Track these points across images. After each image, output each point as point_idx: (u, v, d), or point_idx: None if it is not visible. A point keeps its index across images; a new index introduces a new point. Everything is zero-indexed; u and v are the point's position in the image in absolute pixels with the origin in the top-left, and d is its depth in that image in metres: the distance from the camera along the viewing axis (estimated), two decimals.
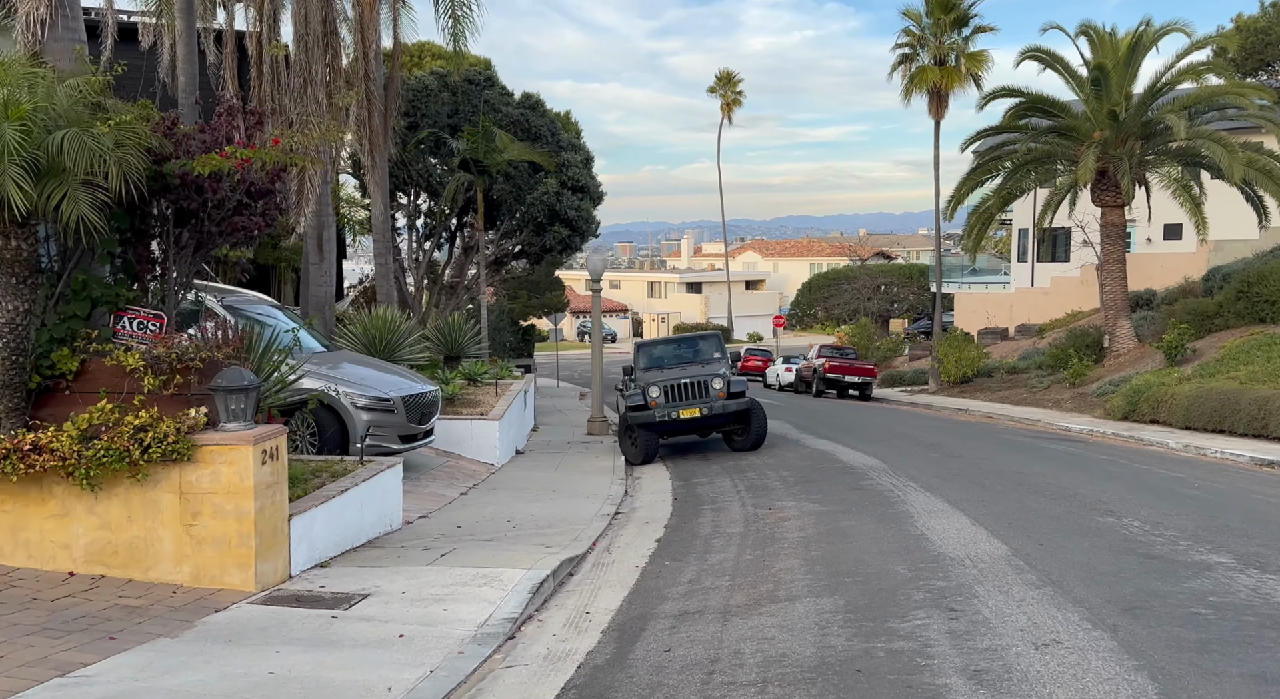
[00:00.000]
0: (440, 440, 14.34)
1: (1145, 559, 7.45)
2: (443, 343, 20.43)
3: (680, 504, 11.48)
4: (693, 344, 18.48)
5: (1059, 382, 27.80)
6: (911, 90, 31.83)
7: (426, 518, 10.04)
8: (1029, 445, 16.47)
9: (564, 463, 15.57)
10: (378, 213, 20.47)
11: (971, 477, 12.18)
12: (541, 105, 28.80)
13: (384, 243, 20.75)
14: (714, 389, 16.09)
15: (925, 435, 18.16)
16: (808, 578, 7.37)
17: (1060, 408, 25.18)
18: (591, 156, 29.75)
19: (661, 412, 15.91)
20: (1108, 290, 28.05)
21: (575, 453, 17.11)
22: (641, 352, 18.24)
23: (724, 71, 77.98)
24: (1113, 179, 26.77)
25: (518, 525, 9.82)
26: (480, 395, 16.50)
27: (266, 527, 6.90)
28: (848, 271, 68.17)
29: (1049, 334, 36.51)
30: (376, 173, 20.13)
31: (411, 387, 12.11)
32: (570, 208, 28.14)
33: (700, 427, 16.49)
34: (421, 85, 27.27)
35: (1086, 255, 39.12)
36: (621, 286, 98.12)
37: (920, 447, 15.94)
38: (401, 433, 11.78)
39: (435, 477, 12.42)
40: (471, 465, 13.88)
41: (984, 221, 29.35)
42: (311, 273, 16.26)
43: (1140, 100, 26.70)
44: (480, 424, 14.49)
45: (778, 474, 13.37)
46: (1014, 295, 42.06)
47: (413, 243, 29.61)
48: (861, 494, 11.13)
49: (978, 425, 21.68)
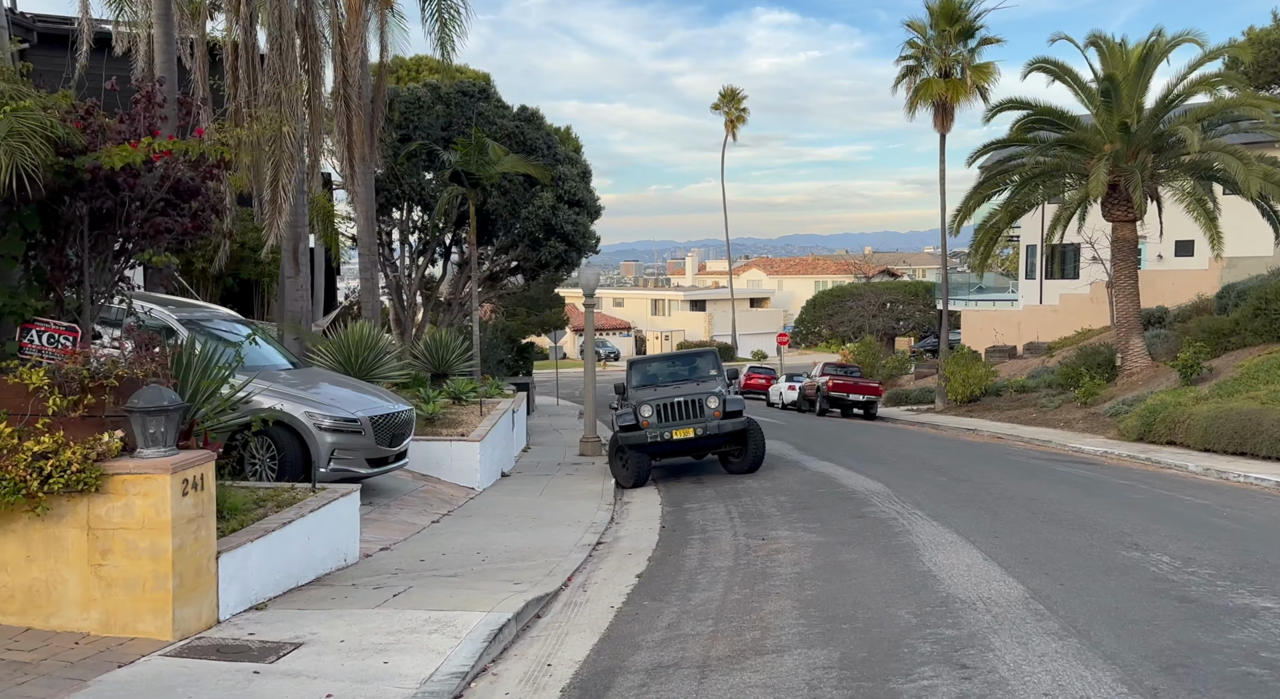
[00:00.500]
0: (418, 463, 13.56)
1: (1181, 603, 6.62)
2: (430, 360, 19.68)
3: (668, 533, 10.67)
4: (688, 361, 17.70)
5: (1070, 401, 26.97)
6: (916, 103, 31.13)
7: (389, 550, 9.24)
8: (1041, 468, 15.63)
9: (550, 486, 14.76)
10: (361, 224, 19.76)
11: (982, 504, 11.35)
12: (538, 118, 28.14)
13: (369, 256, 20.03)
14: (709, 408, 15.30)
15: (932, 457, 17.34)
16: (800, 624, 6.55)
17: (1072, 428, 24.33)
18: (589, 170, 29.05)
19: (654, 432, 15.12)
20: (1120, 307, 27.23)
21: (564, 475, 16.31)
22: (635, 369, 17.46)
23: (728, 88, 77.35)
24: (1124, 193, 26.01)
25: (488, 558, 9.02)
26: (464, 415, 15.72)
27: (187, 566, 6.10)
28: (853, 289, 67.38)
29: (1058, 352, 35.70)
30: (359, 182, 19.44)
31: (382, 406, 11.33)
32: (567, 222, 27.41)
33: (695, 448, 15.69)
34: (414, 97, 26.62)
35: (1096, 272, 38.34)
36: (625, 304, 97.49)
37: (926, 470, 15.12)
38: (370, 456, 10.99)
39: (407, 503, 11.62)
40: (449, 490, 13.08)
41: (992, 236, 28.57)
42: (287, 287, 15.53)
43: (1152, 112, 25.96)
44: (460, 446, 13.70)
45: (774, 500, 12.55)
46: (1022, 313, 41.24)
47: (405, 259, 28.89)
48: (863, 523, 10.31)
49: (986, 446, 20.83)
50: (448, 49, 18.14)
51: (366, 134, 19.59)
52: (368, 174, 19.77)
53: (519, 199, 27.37)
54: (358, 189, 19.85)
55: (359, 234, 19.89)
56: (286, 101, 13.99)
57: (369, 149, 19.62)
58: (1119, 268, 27.21)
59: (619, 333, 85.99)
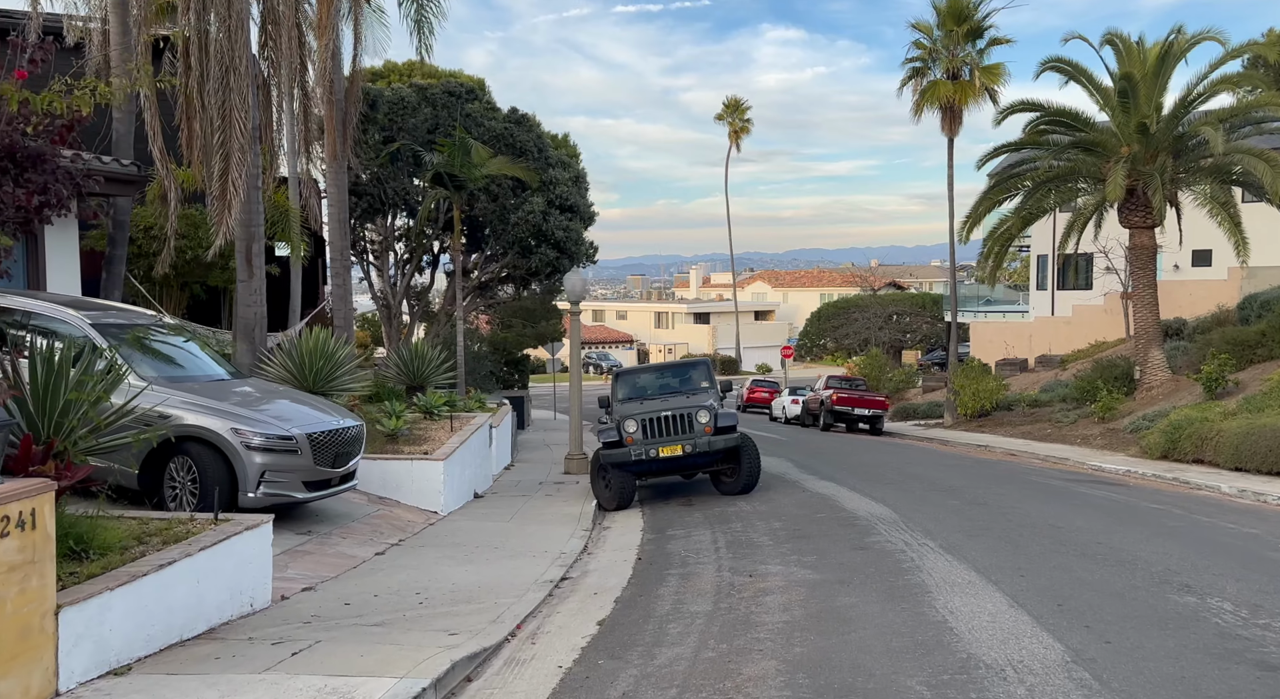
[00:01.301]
0: (375, 484, 12.30)
1: (1262, 671, 5.31)
2: (405, 372, 18.44)
3: (643, 567, 9.36)
4: (678, 372, 16.42)
5: (1087, 416, 25.62)
6: (923, 106, 29.85)
7: (313, 591, 7.95)
8: (1063, 490, 14.29)
9: (524, 509, 13.47)
10: (333, 226, 18.55)
11: (1001, 533, 10.03)
12: (529, 120, 26.94)
13: (342, 261, 18.81)
14: (699, 423, 14.02)
15: (942, 477, 16.01)
16: (784, 695, 5.25)
17: (1090, 445, 22.98)
18: (583, 175, 27.80)
19: (638, 449, 13.83)
20: (1138, 317, 25.87)
21: (543, 496, 15.03)
22: (620, 380, 16.17)
23: (731, 99, 76.18)
24: (1142, 197, 24.72)
25: (428, 600, 7.73)
26: (433, 431, 14.45)
27: (8, 627, 4.83)
28: (858, 300, 66.02)
29: (1072, 365, 34.37)
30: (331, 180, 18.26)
31: (324, 421, 10.06)
32: (558, 228, 26.15)
33: (683, 467, 14.40)
34: (398, 97, 25.45)
35: (1110, 282, 37.06)
36: (629, 317, 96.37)
37: (937, 491, 13.79)
38: (308, 478, 9.72)
39: (353, 531, 10.33)
40: (408, 515, 11.79)
41: (1003, 244, 27.26)
42: (240, 291, 14.28)
43: (1171, 113, 24.68)
44: (422, 465, 12.41)
45: (768, 526, 11.23)
46: (1033, 324, 39.89)
47: (390, 266, 27.68)
48: (866, 556, 9.00)
49: (1000, 465, 19.49)
50: (425, 33, 16.94)
51: (339, 130, 18.41)
52: (340, 173, 18.57)
53: (508, 204, 26.16)
54: (330, 188, 18.65)
55: (330, 237, 18.67)
56: (235, 88, 12.78)
57: (341, 146, 18.43)
58: (1137, 276, 25.90)
59: (621, 346, 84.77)
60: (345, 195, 18.82)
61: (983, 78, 29.21)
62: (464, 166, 21.72)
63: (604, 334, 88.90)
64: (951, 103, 29.24)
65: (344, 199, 18.77)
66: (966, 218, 27.62)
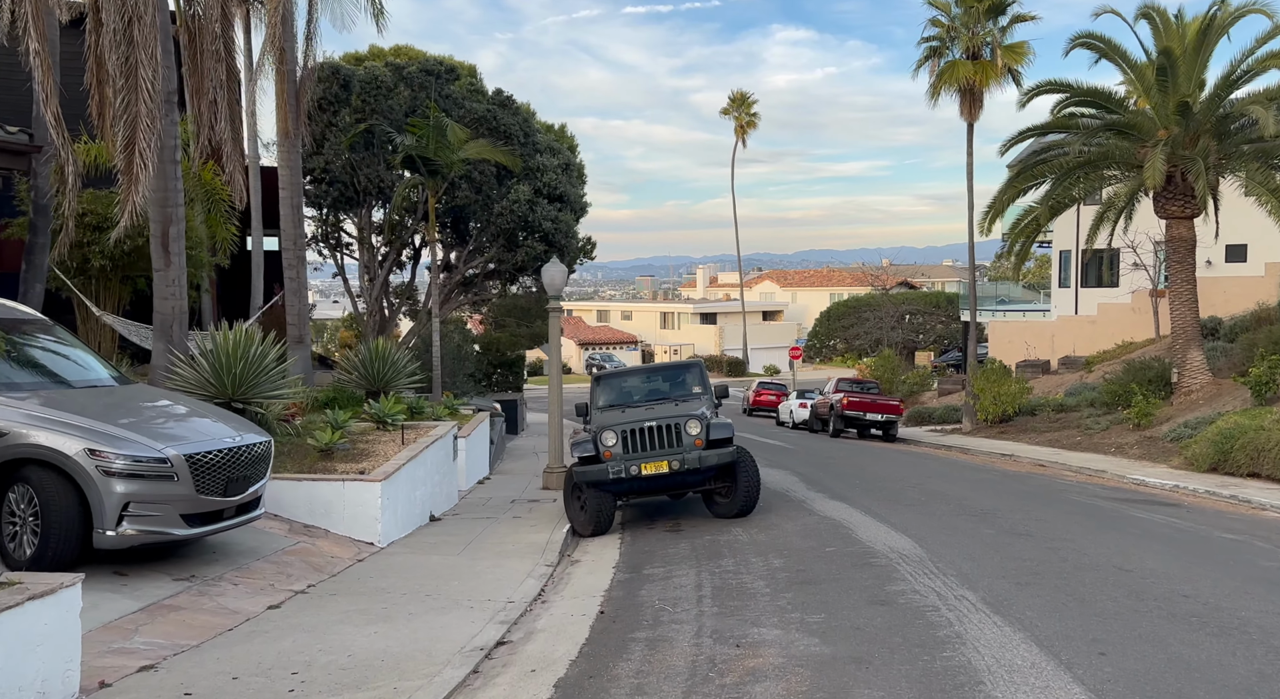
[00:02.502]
0: (302, 510, 10.36)
1: None
2: (365, 374, 16.50)
3: (604, 626, 7.37)
4: (667, 375, 14.43)
5: (1119, 422, 23.58)
6: (940, 88, 27.79)
7: (154, 669, 5.97)
8: (1113, 514, 12.25)
9: (483, 537, 11.49)
10: (285, 212, 16.63)
11: (1058, 579, 8.01)
12: (513, 103, 24.93)
13: (295, 251, 16.87)
14: (688, 435, 12.04)
15: (969, 495, 13.99)
16: None
17: (1125, 455, 20.94)
18: (574, 163, 25.79)
19: (617, 466, 11.86)
20: (1176, 315, 23.77)
21: (510, 519, 13.05)
22: (601, 385, 14.16)
23: (737, 93, 74.25)
24: (1181, 184, 22.69)
25: (305, 685, 5.76)
26: (380, 445, 12.49)
27: None
28: (869, 299, 63.82)
29: (1098, 367, 32.29)
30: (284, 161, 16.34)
31: (212, 438, 8.10)
32: (545, 218, 24.14)
33: (669, 487, 12.40)
34: (372, 77, 23.50)
35: (1138, 280, 34.93)
36: (634, 318, 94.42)
37: (967, 516, 11.78)
38: (190, 510, 7.76)
39: (252, 574, 8.36)
40: (334, 549, 9.83)
41: (1028, 235, 25.23)
42: (156, 283, 12.34)
43: (1213, 92, 22.63)
44: (356, 488, 10.44)
45: (765, 564, 9.24)
46: (1056, 324, 37.76)
47: (364, 260, 25.74)
48: (889, 615, 7.00)
49: (1031, 479, 17.46)
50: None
51: (291, 103, 16.48)
52: (293, 152, 16.64)
53: (492, 193, 24.20)
54: (282, 169, 16.73)
55: (283, 224, 16.75)
56: (140, 42, 10.84)
57: (294, 121, 16.50)
58: (1175, 271, 23.80)
59: (625, 346, 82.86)
60: (299, 178, 16.89)
61: (1005, 57, 27.13)
62: (439, 149, 19.76)
63: (609, 335, 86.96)
64: (971, 85, 27.18)
65: (298, 182, 16.83)
66: (988, 208, 25.58)
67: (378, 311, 25.38)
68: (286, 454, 11.32)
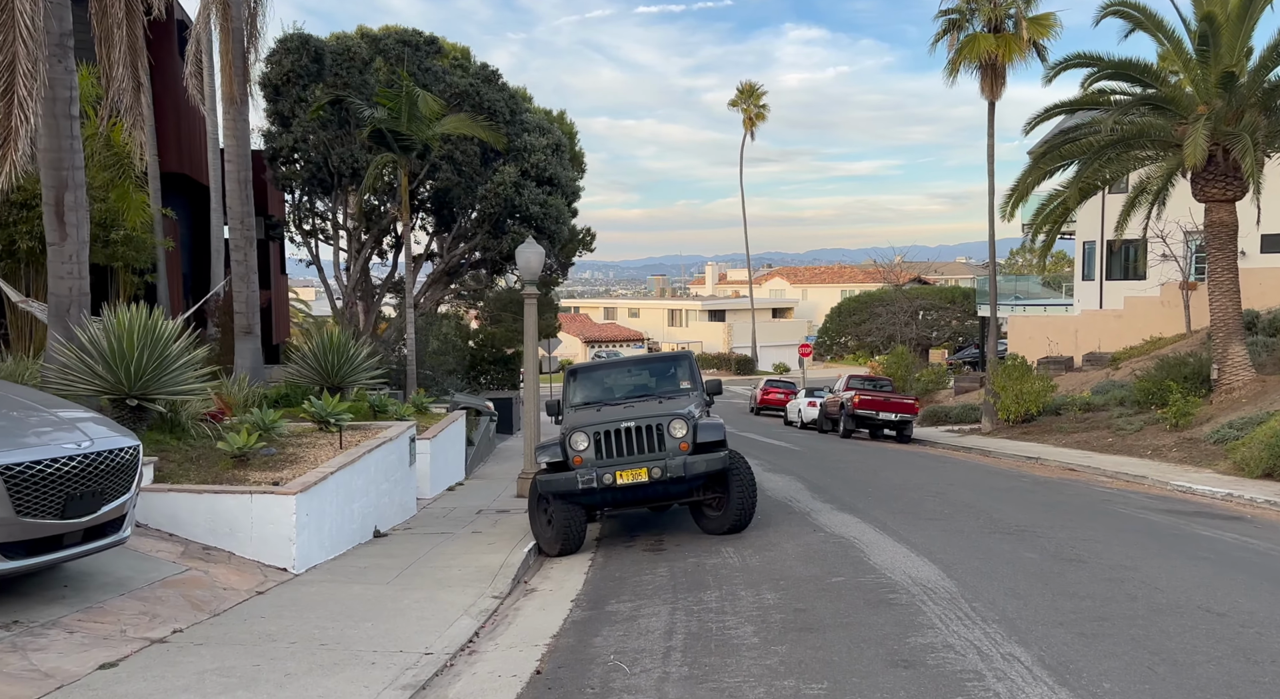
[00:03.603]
0: (201, 529, 8.61)
1: None
2: (317, 368, 14.75)
3: (536, 694, 5.58)
4: (653, 368, 12.61)
5: (1154, 422, 21.73)
6: (959, 64, 25.89)
7: None
8: (1171, 531, 10.40)
9: (428, 559, 9.71)
10: (231, 187, 14.89)
11: (1134, 628, 6.17)
12: (498, 78, 23.11)
13: (242, 232, 15.11)
14: (672, 437, 10.25)
15: (999, 507, 12.16)
16: None
17: (1163, 458, 19.08)
18: (564, 143, 23.97)
19: (588, 474, 10.08)
20: (1216, 307, 21.85)
21: (469, 534, 11.28)
22: (576, 380, 12.35)
23: (746, 84, 72.21)
24: (1222, 164, 20.81)
25: None
26: (315, 449, 10.72)
27: None
28: (882, 295, 61.75)
29: (1125, 363, 30.39)
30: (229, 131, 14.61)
31: (45, 445, 6.34)
32: (533, 202, 22.33)
33: (650, 498, 10.57)
34: (345, 49, 21.74)
35: (1167, 272, 32.97)
36: (641, 315, 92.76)
37: (1000, 533, 9.95)
38: (8, 538, 6.01)
39: (103, 615, 6.58)
40: (231, 577, 8.05)
41: (1055, 221, 23.33)
42: (50, 259, 10.58)
43: (1260, 63, 20.71)
44: (266, 502, 8.65)
45: (757, 599, 7.44)
46: (1079, 319, 35.81)
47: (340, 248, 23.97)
48: (916, 687, 5.18)
49: (1065, 486, 15.61)
50: None
51: (237, 64, 14.74)
52: (239, 121, 14.89)
53: (475, 174, 22.42)
54: (227, 140, 15.00)
55: (229, 201, 15.02)
56: None
57: (240, 84, 14.75)
58: (1215, 258, 21.88)
59: (632, 344, 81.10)
60: (247, 149, 15.13)
61: (1029, 30, 25.21)
62: (411, 123, 17.99)
63: (615, 332, 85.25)
64: (993, 59, 25.27)
65: (245, 154, 15.08)
66: (1011, 192, 23.70)
67: (354, 303, 23.62)
68: (195, 460, 9.58)
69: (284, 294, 29.59)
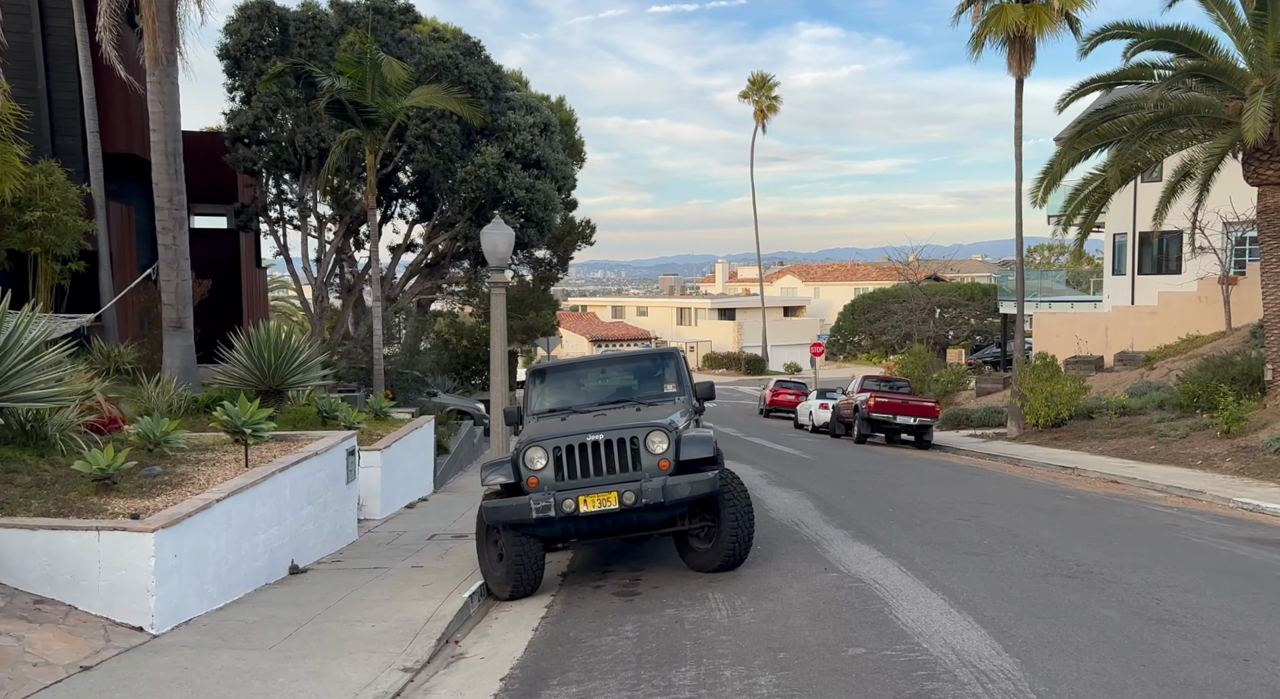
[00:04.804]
0: (36, 575, 6.72)
1: None
2: (251, 369, 12.82)
3: None
4: (634, 368, 10.57)
5: (1201, 428, 19.70)
6: (984, 38, 23.83)
7: None
8: (1269, 570, 8.37)
9: (340, 607, 7.75)
10: (158, 160, 12.98)
11: None
12: (480, 51, 21.15)
13: (171, 210, 13.18)
14: (649, 453, 8.27)
15: (1048, 534, 10.13)
16: None
17: (1216, 469, 17.07)
18: (552, 122, 21.98)
19: (544, 500, 8.10)
20: (1271, 301, 19.77)
21: (407, 568, 9.33)
22: (540, 383, 10.33)
23: (757, 75, 70.30)
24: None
25: None
26: (220, 467, 8.79)
27: None
28: (897, 291, 59.52)
29: (1160, 363, 28.28)
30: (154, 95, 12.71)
31: None
32: (518, 186, 20.35)
33: (621, 529, 8.56)
34: (310, 15, 19.84)
35: (1205, 265, 30.83)
36: (650, 313, 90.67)
37: (1060, 576, 7.93)
38: None
39: None
40: (57, 643, 6.10)
41: (1093, 205, 21.25)
42: None
43: None
44: (116, 541, 6.70)
45: (745, 684, 5.44)
46: (1110, 316, 33.66)
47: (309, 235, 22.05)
48: None
49: (1118, 505, 13.57)
50: None
51: (162, 20, 12.83)
52: (166, 83, 12.98)
53: (455, 155, 20.47)
54: (153, 103, 13.08)
55: (155, 176, 13.11)
56: None
57: (167, 42, 12.84)
58: (1269, 248, 19.78)
59: (638, 343, 79.06)
60: (176, 117, 13.20)
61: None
62: (376, 94, 16.06)
63: (622, 331, 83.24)
64: (1022, 31, 23.19)
65: (174, 122, 13.16)
66: (1043, 175, 21.63)
67: (322, 297, 21.70)
68: (49, 485, 7.65)
69: (259, 289, 27.71)
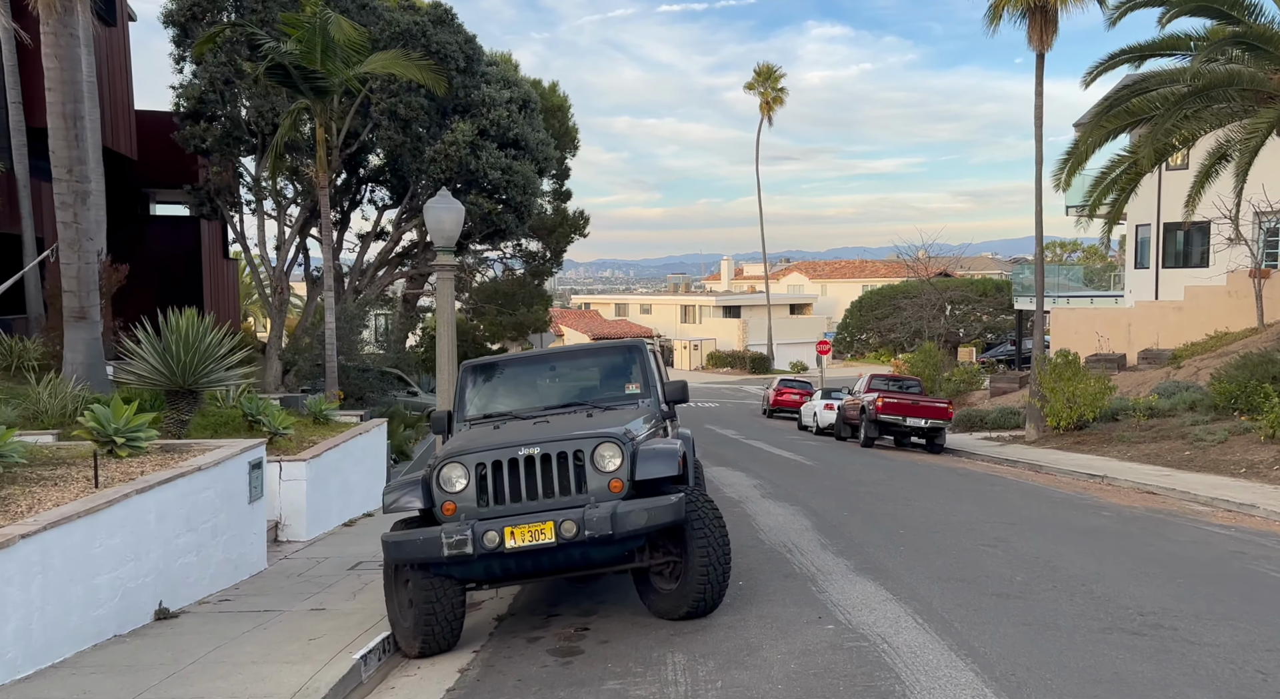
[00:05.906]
0: None
1: None
2: (158, 368, 11.03)
3: None
4: (588, 365, 8.75)
5: (1241, 432, 17.96)
6: (1002, 8, 21.99)
7: None
8: None
9: (183, 676, 5.97)
10: (55, 123, 11.25)
11: None
12: (453, 20, 19.39)
13: (70, 182, 11.43)
14: (598, 471, 6.50)
15: (1096, 567, 8.33)
16: None
17: (1263, 478, 15.31)
18: (532, 99, 20.14)
19: (460, 532, 6.31)
20: None
21: (302, 613, 7.56)
22: (476, 383, 8.51)
23: (763, 66, 68.29)
24: None
25: None
26: (59, 489, 7.05)
27: None
28: (906, 287, 57.62)
29: (1188, 361, 26.46)
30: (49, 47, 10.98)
31: None
32: (493, 167, 18.55)
33: (560, 568, 6.76)
34: None
35: (1235, 257, 28.89)
36: (654, 311, 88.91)
37: (1125, 633, 6.14)
38: None
39: None
40: None
41: (1123, 188, 19.45)
42: None
43: None
44: None
45: None
46: (1133, 311, 31.78)
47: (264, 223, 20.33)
48: None
49: (1162, 522, 11.74)
50: None
51: None
52: (65, 36, 11.24)
53: (425, 133, 18.71)
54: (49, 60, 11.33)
55: (52, 143, 11.37)
56: None
57: None
58: None
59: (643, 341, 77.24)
60: (77, 74, 11.45)
61: None
62: (325, 58, 14.31)
63: (626, 329, 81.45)
64: (1043, 1, 21.36)
65: (75, 81, 11.41)
66: (1067, 155, 19.85)
67: (281, 289, 19.95)
68: None
69: (228, 283, 26.01)
